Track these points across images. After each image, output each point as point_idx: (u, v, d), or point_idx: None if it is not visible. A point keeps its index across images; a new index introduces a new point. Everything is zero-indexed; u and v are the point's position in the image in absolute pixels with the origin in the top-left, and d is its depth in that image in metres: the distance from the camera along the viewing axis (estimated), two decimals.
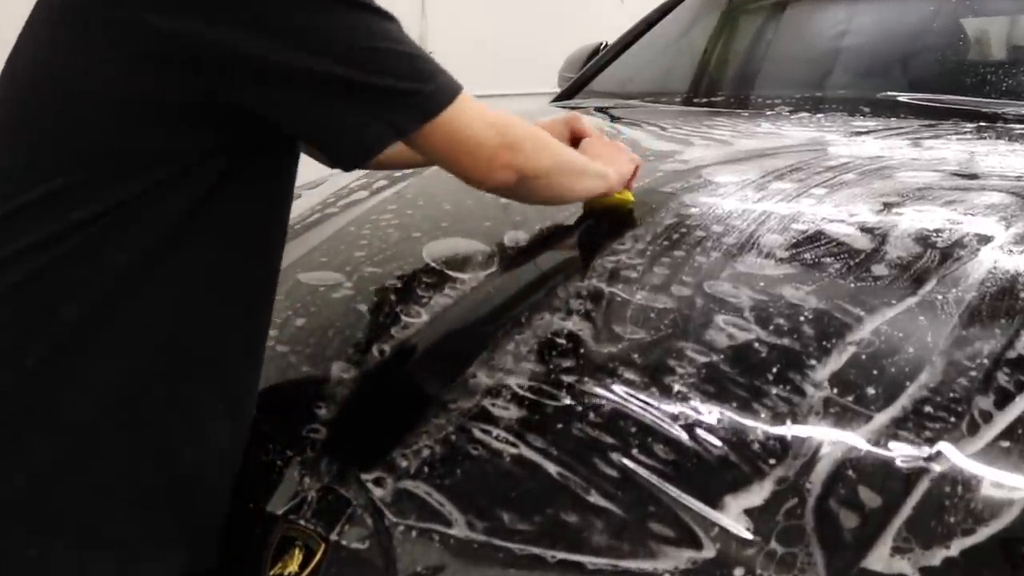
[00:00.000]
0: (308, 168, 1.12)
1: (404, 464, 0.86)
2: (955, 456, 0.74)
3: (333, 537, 0.85)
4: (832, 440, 0.77)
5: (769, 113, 1.75)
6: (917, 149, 1.45)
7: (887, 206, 1.13)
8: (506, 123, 0.89)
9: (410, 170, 1.65)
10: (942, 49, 1.91)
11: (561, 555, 0.76)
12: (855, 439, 0.77)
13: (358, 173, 1.74)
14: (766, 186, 1.24)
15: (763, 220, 1.11)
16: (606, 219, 1.22)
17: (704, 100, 1.97)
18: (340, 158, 0.85)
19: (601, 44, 2.73)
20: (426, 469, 0.85)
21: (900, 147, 1.44)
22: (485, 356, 0.94)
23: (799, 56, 2.01)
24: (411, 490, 0.84)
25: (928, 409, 0.78)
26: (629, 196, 1.18)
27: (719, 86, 2.05)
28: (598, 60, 2.49)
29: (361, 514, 0.85)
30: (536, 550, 0.76)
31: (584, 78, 2.47)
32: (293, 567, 0.86)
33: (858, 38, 1.96)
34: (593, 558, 0.75)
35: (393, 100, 0.80)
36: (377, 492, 0.85)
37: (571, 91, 2.46)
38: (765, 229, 1.09)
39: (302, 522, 0.88)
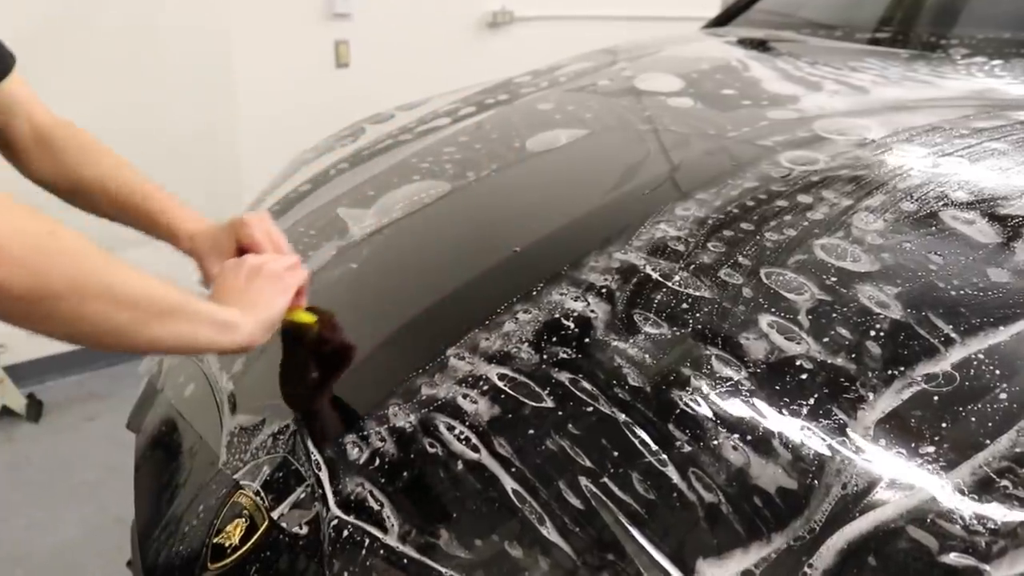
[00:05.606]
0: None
1: (355, 452, 0.74)
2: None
3: (275, 515, 0.76)
4: (859, 509, 0.58)
5: (935, 56, 1.45)
6: None
7: None
8: None
9: (504, 95, 1.51)
10: None
11: None
12: (890, 513, 0.58)
13: (455, 96, 1.61)
14: (887, 149, 1.00)
15: (865, 193, 0.89)
16: (676, 167, 1.03)
17: (865, 36, 1.67)
18: None
19: None
20: (376, 461, 0.73)
21: None
22: (475, 334, 0.80)
23: None
24: (356, 482, 0.72)
25: (1004, 485, 0.57)
26: (306, 318, 0.84)
27: (886, 20, 1.74)
28: None
29: (307, 497, 0.75)
30: None
31: (742, 3, 2.20)
32: (234, 539, 0.78)
33: None
34: None
35: None
36: (325, 477, 0.75)
37: (725, 18, 2.20)
38: (864, 205, 0.87)
39: (251, 493, 0.79)
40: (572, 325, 0.78)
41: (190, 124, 2.96)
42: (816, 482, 0.60)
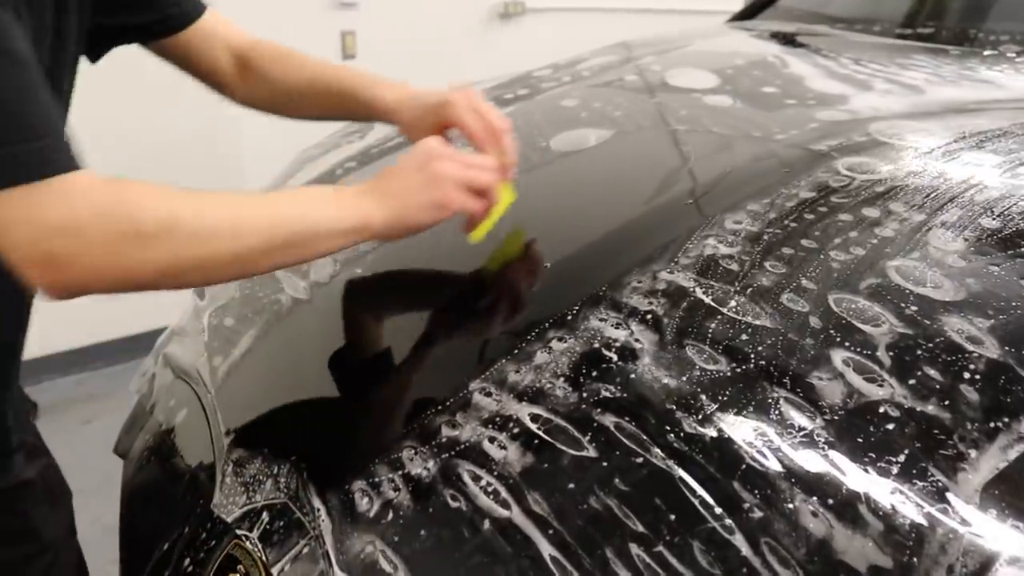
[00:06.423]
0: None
1: (364, 503, 0.65)
2: None
3: (275, 571, 0.67)
4: None
5: (988, 53, 1.35)
6: None
7: None
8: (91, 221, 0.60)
9: (524, 90, 1.41)
10: None
11: None
12: None
13: None
14: (955, 156, 0.90)
15: (938, 207, 0.79)
16: (722, 173, 0.93)
17: (906, 31, 1.56)
18: None
19: None
20: (389, 515, 0.63)
21: None
22: (502, 365, 0.70)
23: None
24: (365, 540, 0.63)
25: None
26: (481, 231, 0.81)
27: (928, 14, 1.64)
28: None
29: (311, 551, 0.66)
30: None
31: None
32: None
33: None
34: None
35: None
36: (328, 530, 0.65)
37: (753, 10, 2.09)
38: (939, 221, 0.77)
39: (248, 543, 0.70)
40: (615, 357, 0.68)
41: (190, 118, 2.87)
42: (915, 560, 0.51)
